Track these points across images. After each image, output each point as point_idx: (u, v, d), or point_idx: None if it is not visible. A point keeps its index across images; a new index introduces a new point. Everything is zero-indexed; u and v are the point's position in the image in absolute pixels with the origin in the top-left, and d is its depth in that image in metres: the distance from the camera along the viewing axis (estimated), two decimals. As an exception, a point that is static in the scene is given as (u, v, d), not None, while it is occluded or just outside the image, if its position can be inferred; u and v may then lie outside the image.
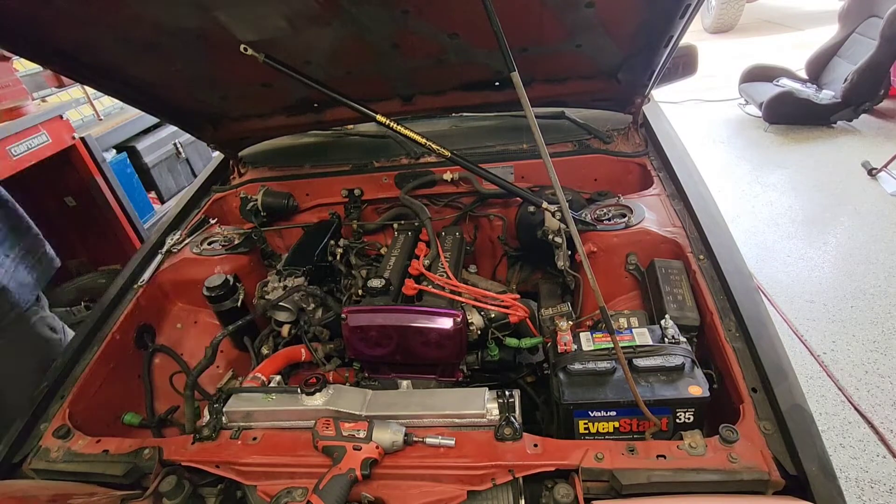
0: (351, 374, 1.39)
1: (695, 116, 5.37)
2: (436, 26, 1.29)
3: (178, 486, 0.99)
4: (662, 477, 0.84)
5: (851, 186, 3.82)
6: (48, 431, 1.12)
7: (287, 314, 1.41)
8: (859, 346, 2.52)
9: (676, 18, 1.22)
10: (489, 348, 1.35)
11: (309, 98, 1.69)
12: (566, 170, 1.74)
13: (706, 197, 1.44)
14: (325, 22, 1.22)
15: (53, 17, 1.11)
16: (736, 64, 5.47)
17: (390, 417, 0.99)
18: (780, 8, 8.77)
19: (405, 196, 1.74)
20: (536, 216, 1.59)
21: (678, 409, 0.95)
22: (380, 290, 1.36)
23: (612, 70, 1.61)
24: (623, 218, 1.44)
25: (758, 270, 3.09)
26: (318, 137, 2.16)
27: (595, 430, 1.00)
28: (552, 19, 1.28)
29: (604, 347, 1.07)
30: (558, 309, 1.34)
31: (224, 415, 1.06)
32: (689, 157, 1.67)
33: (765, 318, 1.07)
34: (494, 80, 1.62)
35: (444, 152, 1.49)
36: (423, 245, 1.59)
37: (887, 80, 4.28)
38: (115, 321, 1.40)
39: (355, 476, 0.90)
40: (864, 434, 2.11)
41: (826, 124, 4.65)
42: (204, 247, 1.68)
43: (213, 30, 1.17)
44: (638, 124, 1.85)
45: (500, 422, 0.95)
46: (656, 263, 1.29)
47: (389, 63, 1.49)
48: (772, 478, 0.82)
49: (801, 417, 0.88)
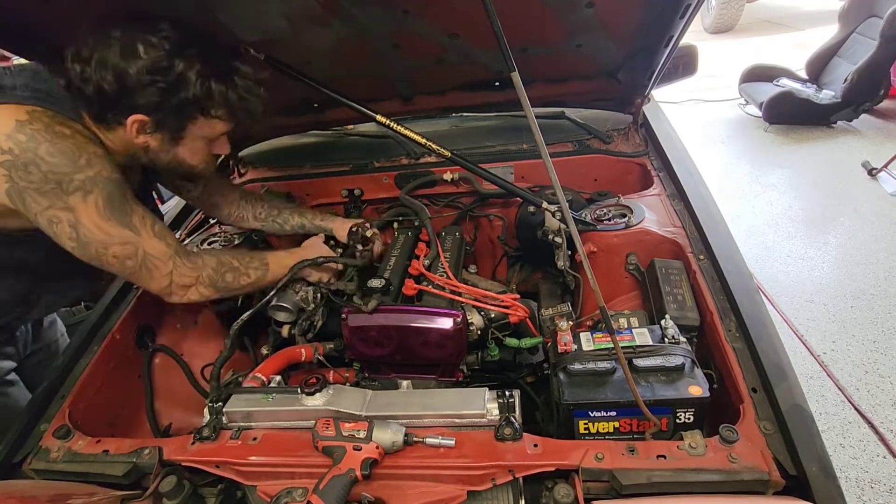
0: (351, 374, 1.39)
1: (695, 116, 5.37)
2: (436, 26, 1.29)
3: (178, 486, 0.99)
4: (662, 477, 0.84)
5: (851, 186, 3.82)
6: (48, 431, 1.12)
7: (287, 314, 1.41)
8: (859, 346, 2.52)
9: (676, 18, 1.22)
10: (489, 348, 1.35)
11: (309, 98, 1.69)
12: (566, 170, 1.74)
13: (706, 197, 1.44)
14: (325, 22, 1.22)
15: (53, 17, 1.11)
16: (736, 64, 5.46)
17: (390, 417, 0.99)
18: (780, 8, 8.77)
19: (405, 196, 1.73)
20: (536, 216, 1.59)
21: (678, 409, 0.95)
22: (380, 290, 1.36)
23: (612, 70, 1.61)
24: (623, 218, 1.44)
25: (758, 270, 3.09)
26: (318, 137, 2.16)
27: (595, 431, 1.00)
28: (552, 19, 1.28)
29: (604, 347, 1.07)
30: (558, 309, 1.34)
31: (224, 415, 1.06)
32: (689, 157, 1.67)
33: (765, 318, 1.07)
34: (494, 80, 1.62)
35: (444, 152, 1.49)
36: (423, 245, 1.59)
37: (887, 80, 4.27)
38: (115, 321, 1.40)
39: (355, 476, 0.90)
40: (864, 434, 2.11)
41: (826, 124, 4.65)
42: (204, 247, 1.68)
43: (213, 30, 1.17)
44: (638, 124, 1.85)
45: (500, 422, 0.95)
46: (656, 263, 1.29)
47: (389, 63, 1.49)
48: (772, 478, 0.82)
49: (801, 417, 0.88)
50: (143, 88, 0.97)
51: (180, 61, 0.98)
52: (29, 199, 0.95)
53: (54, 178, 0.94)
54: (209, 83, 1.02)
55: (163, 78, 0.97)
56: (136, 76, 0.96)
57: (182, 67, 0.99)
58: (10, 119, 0.93)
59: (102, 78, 0.95)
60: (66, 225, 0.98)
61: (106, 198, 0.99)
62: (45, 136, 0.93)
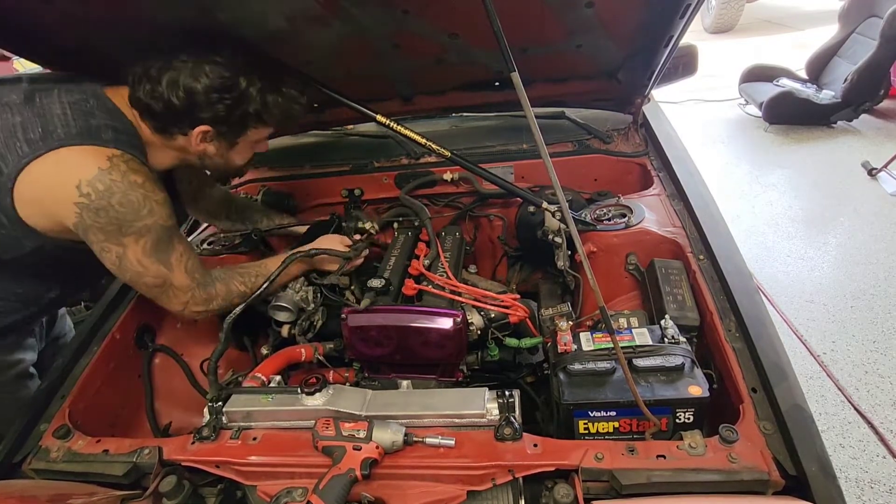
0: (351, 374, 1.39)
1: (695, 116, 5.37)
2: (436, 26, 1.29)
3: (178, 486, 0.99)
4: (662, 477, 0.84)
5: (851, 186, 3.82)
6: (48, 431, 1.12)
7: (287, 314, 1.41)
8: (859, 346, 2.52)
9: (676, 18, 1.22)
10: (489, 348, 1.35)
11: (309, 98, 1.69)
12: (566, 170, 1.74)
13: (706, 197, 1.44)
14: (325, 22, 1.22)
15: (53, 17, 1.11)
16: (736, 64, 5.46)
17: (390, 417, 0.99)
18: (780, 8, 8.76)
19: (405, 196, 1.74)
20: (536, 216, 1.59)
21: (678, 409, 0.95)
22: (380, 290, 1.36)
23: (612, 70, 1.61)
24: (623, 218, 1.44)
25: (758, 270, 3.08)
26: (318, 137, 2.16)
27: (595, 430, 1.00)
28: (552, 19, 1.28)
29: (604, 347, 1.07)
30: (558, 309, 1.34)
31: (224, 415, 1.06)
32: (689, 157, 1.67)
33: (765, 318, 1.07)
34: (494, 80, 1.62)
35: (444, 152, 1.49)
36: (423, 245, 1.59)
37: (887, 80, 4.27)
38: (115, 321, 1.40)
39: (355, 476, 0.90)
40: (864, 434, 2.11)
41: (826, 124, 4.65)
42: (204, 247, 1.68)
43: (213, 30, 1.17)
44: (638, 124, 1.85)
45: (500, 422, 0.95)
46: (656, 263, 1.29)
47: (389, 63, 1.49)
48: (772, 478, 0.82)
49: (801, 417, 0.88)
50: (211, 104, 1.09)
51: (243, 79, 1.11)
52: (91, 232, 1.07)
53: (117, 223, 1.06)
54: (266, 96, 1.15)
55: (229, 95, 1.10)
56: (205, 94, 1.07)
57: (245, 84, 1.11)
58: (93, 165, 1.03)
59: (174, 95, 1.06)
60: (114, 255, 1.11)
61: (154, 242, 1.13)
62: (120, 187, 1.05)
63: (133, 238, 1.09)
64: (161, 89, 1.06)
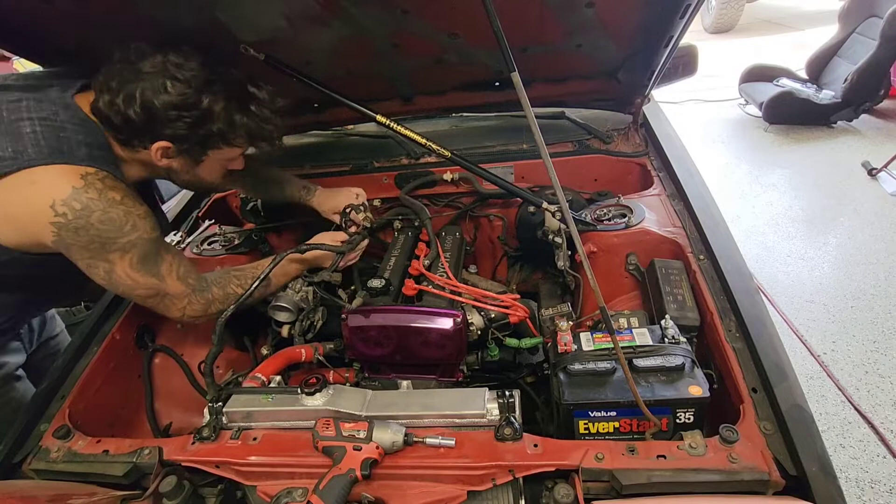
0: (351, 374, 1.39)
1: (695, 116, 5.37)
2: (436, 26, 1.29)
3: (178, 486, 0.99)
4: (662, 477, 0.84)
5: (851, 186, 3.81)
6: (48, 431, 1.12)
7: (287, 314, 1.41)
8: (859, 346, 2.52)
9: (676, 18, 1.22)
10: (489, 348, 1.35)
11: (309, 98, 1.69)
12: (566, 170, 1.74)
13: (706, 197, 1.44)
14: (325, 22, 1.22)
15: (53, 18, 1.11)
16: (736, 64, 5.46)
17: (390, 418, 0.99)
18: (780, 8, 8.76)
19: (405, 196, 1.73)
20: (536, 216, 1.59)
21: (678, 410, 0.95)
22: (380, 290, 1.36)
23: (612, 70, 1.61)
24: (623, 218, 1.44)
25: (758, 270, 3.09)
26: (318, 137, 2.16)
27: (595, 431, 1.00)
28: (552, 19, 1.28)
29: (604, 347, 1.07)
30: (558, 309, 1.34)
31: (224, 415, 1.06)
32: (689, 157, 1.67)
33: (765, 318, 1.07)
34: (494, 80, 1.62)
35: (444, 152, 1.49)
36: (423, 245, 1.59)
37: (887, 80, 4.27)
38: (116, 321, 1.40)
39: (355, 476, 0.90)
40: (864, 434, 2.11)
41: (826, 124, 4.65)
42: (204, 247, 1.68)
43: (213, 30, 1.17)
44: (638, 124, 1.85)
45: (500, 422, 0.95)
46: (656, 263, 1.29)
47: (389, 63, 1.49)
48: (772, 478, 0.82)
49: (801, 417, 0.88)
50: (170, 122, 1.04)
51: (206, 97, 1.05)
52: (73, 250, 1.04)
53: (100, 241, 1.03)
54: (232, 116, 1.10)
55: (189, 113, 1.04)
56: (164, 111, 1.02)
57: (208, 103, 1.05)
58: (66, 185, 1.00)
59: (130, 109, 1.01)
60: (102, 271, 1.08)
61: (142, 255, 1.10)
62: (99, 205, 1.01)
63: (118, 254, 1.07)
64: (118, 102, 1.01)
